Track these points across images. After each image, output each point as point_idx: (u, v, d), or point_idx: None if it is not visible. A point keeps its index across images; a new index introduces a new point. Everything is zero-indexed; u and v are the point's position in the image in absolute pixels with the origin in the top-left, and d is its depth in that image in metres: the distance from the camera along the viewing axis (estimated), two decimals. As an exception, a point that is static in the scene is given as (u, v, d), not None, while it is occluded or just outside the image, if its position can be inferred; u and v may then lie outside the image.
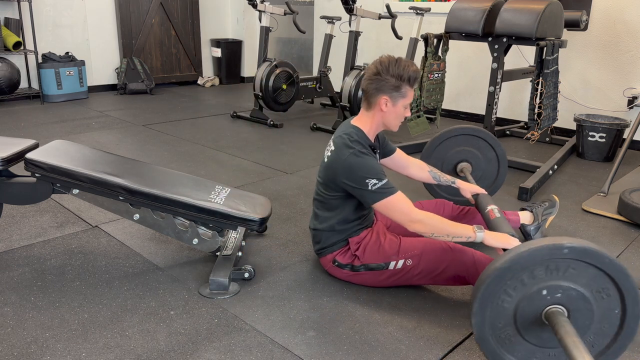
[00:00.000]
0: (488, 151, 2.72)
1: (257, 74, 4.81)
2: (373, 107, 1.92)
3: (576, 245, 1.40)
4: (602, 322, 1.49)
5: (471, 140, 2.72)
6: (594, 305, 1.46)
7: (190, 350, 1.68)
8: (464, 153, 2.73)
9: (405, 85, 1.86)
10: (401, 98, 1.88)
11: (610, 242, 2.56)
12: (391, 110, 1.90)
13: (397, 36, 4.98)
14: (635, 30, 4.15)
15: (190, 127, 4.69)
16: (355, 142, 1.90)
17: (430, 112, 4.96)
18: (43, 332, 1.76)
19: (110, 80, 6.34)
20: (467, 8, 3.60)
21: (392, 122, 1.95)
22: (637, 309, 1.45)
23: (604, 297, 1.46)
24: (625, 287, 1.43)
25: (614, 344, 1.50)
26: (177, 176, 2.38)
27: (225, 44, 7.02)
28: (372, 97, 1.89)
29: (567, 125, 4.57)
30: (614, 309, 1.47)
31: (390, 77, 1.84)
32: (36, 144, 2.30)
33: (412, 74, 1.85)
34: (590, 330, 1.49)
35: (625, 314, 1.46)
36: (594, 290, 1.45)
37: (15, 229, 2.53)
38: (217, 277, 2.02)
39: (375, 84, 1.86)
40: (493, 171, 2.78)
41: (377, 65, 1.87)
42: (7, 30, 5.27)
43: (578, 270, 1.44)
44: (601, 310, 1.47)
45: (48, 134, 4.29)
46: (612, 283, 1.44)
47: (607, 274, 1.43)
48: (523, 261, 1.43)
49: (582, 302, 1.46)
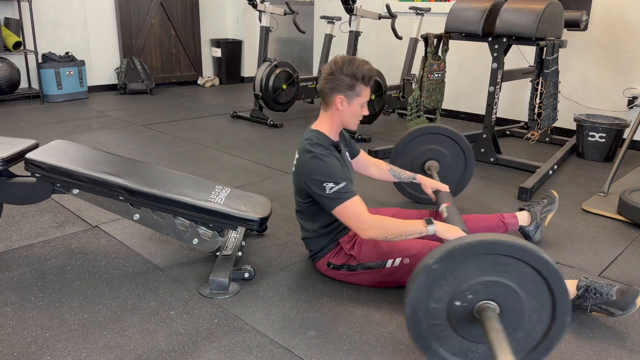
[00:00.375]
0: (454, 148, 2.79)
1: (257, 74, 4.81)
2: (330, 107, 1.94)
3: (510, 242, 1.42)
4: (533, 319, 1.50)
5: (437, 138, 2.79)
6: (525, 302, 1.47)
7: (190, 350, 1.68)
8: (432, 151, 2.80)
9: (359, 84, 1.88)
10: (356, 97, 1.90)
11: (610, 242, 2.56)
12: (347, 109, 1.92)
13: (397, 36, 4.99)
14: (635, 30, 4.15)
15: (190, 127, 4.69)
16: (316, 145, 1.91)
17: (430, 112, 4.95)
18: (43, 332, 1.76)
19: (110, 80, 6.34)
20: (467, 8, 3.60)
21: (350, 121, 1.96)
22: (566, 307, 1.46)
23: (535, 294, 1.47)
24: (555, 286, 1.44)
25: (544, 340, 1.52)
26: (177, 176, 2.38)
27: (225, 44, 7.02)
28: (328, 96, 1.91)
29: (567, 125, 4.57)
30: (545, 306, 1.48)
31: (344, 77, 1.85)
32: (36, 144, 2.30)
33: (366, 73, 1.87)
34: (522, 326, 1.51)
35: (554, 312, 1.48)
36: (525, 288, 1.47)
37: (15, 229, 2.53)
38: (217, 277, 2.02)
39: (330, 84, 1.88)
40: (460, 167, 2.86)
41: (331, 66, 1.88)
42: (7, 30, 5.27)
43: (511, 267, 1.45)
44: (532, 307, 1.48)
45: (48, 134, 4.29)
46: (544, 281, 1.45)
47: (539, 272, 1.44)
48: (457, 254, 1.44)
49: (513, 299, 1.47)
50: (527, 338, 1.52)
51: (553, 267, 1.43)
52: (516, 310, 1.48)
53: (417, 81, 3.76)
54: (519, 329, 1.51)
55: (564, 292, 1.45)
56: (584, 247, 2.50)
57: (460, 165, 2.85)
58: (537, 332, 1.52)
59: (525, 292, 1.47)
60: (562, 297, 1.46)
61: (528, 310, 1.49)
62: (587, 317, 1.92)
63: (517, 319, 1.50)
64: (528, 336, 1.52)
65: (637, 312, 1.96)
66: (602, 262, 2.36)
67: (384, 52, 5.83)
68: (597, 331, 1.85)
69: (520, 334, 1.52)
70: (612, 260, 2.38)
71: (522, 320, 1.50)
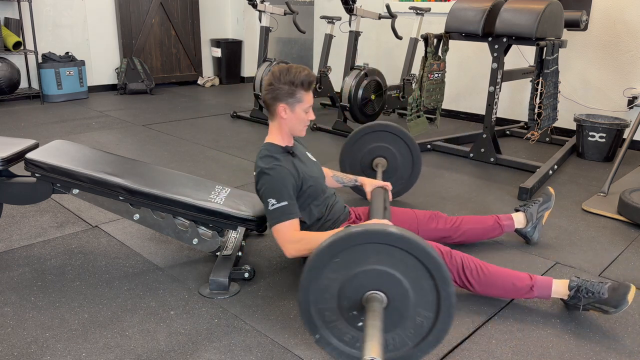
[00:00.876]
0: (401, 146, 2.82)
1: (257, 74, 4.81)
2: (275, 117, 1.95)
3: (396, 233, 1.44)
4: (420, 312, 1.52)
5: (383, 135, 2.82)
6: (411, 293, 1.49)
7: (190, 350, 1.68)
8: (380, 149, 2.84)
9: (299, 90, 1.88)
10: (297, 103, 1.90)
11: (610, 242, 2.56)
12: (291, 117, 1.92)
13: (397, 36, 4.99)
14: (635, 30, 4.15)
15: (190, 127, 4.69)
16: (264, 159, 1.91)
17: (430, 112, 4.95)
18: (43, 332, 1.76)
19: (110, 80, 6.34)
20: (467, 8, 3.60)
21: (296, 128, 1.96)
22: (450, 301, 1.48)
23: (421, 286, 1.49)
24: (439, 279, 1.46)
25: (431, 332, 1.54)
26: (177, 176, 2.38)
27: (225, 44, 7.02)
28: (271, 106, 1.93)
29: (567, 125, 4.57)
30: (431, 299, 1.50)
31: (283, 85, 1.87)
32: (36, 144, 2.30)
33: (304, 78, 1.88)
34: (409, 318, 1.52)
35: (439, 306, 1.49)
36: (411, 279, 1.49)
37: (15, 229, 2.53)
38: (217, 277, 2.02)
39: (271, 94, 1.90)
40: (408, 163, 2.89)
41: (270, 77, 1.90)
42: (7, 30, 5.27)
43: (398, 258, 1.47)
44: (419, 299, 1.50)
45: (48, 134, 4.29)
46: (428, 273, 1.47)
47: (424, 265, 1.46)
48: (343, 243, 1.47)
49: (400, 290, 1.49)
50: (414, 330, 1.55)
51: (436, 259, 1.45)
52: (403, 301, 1.51)
53: (417, 81, 3.76)
54: (406, 321, 1.53)
55: (447, 285, 1.47)
56: (584, 247, 2.50)
57: (408, 160, 2.88)
58: (424, 324, 1.54)
59: (412, 284, 1.49)
60: (446, 291, 1.47)
61: (414, 302, 1.51)
62: (586, 318, 1.92)
63: (403, 310, 1.52)
64: (416, 328, 1.55)
65: (637, 312, 1.96)
66: (602, 262, 2.36)
67: (384, 52, 5.82)
68: (597, 331, 1.85)
69: (407, 325, 1.54)
70: (612, 260, 2.38)
71: (408, 311, 1.52)
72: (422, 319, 1.52)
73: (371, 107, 4.56)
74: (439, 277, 1.46)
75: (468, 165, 3.77)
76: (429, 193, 3.16)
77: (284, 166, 1.87)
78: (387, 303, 1.50)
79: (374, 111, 4.61)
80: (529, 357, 1.70)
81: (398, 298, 1.50)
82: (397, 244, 1.45)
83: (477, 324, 1.87)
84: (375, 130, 2.82)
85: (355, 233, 1.46)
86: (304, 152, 2.10)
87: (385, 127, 2.80)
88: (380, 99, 4.62)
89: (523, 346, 1.75)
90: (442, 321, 1.51)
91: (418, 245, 1.45)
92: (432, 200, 3.04)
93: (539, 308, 1.98)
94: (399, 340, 1.55)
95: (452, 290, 1.47)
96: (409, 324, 1.53)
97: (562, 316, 1.93)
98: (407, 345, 1.55)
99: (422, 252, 1.45)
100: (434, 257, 1.45)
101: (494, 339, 1.79)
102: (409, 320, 1.52)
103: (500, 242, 2.52)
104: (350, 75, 4.52)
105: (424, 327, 1.53)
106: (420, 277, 1.48)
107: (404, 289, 1.49)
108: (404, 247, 1.45)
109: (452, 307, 1.48)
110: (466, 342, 1.77)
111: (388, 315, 1.51)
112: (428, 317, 1.51)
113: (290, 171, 1.88)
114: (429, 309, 1.51)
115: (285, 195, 1.83)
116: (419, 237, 1.46)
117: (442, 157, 3.96)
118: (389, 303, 1.50)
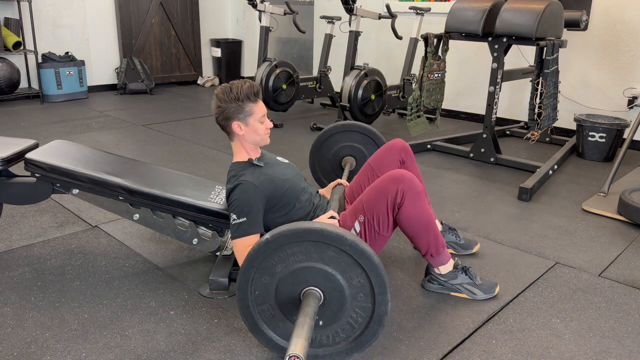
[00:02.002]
0: (370, 145, 2.82)
1: (257, 74, 4.81)
2: (233, 136, 1.96)
3: (332, 232, 1.48)
4: (355, 308, 1.57)
5: (352, 135, 2.83)
6: (346, 291, 1.54)
7: (190, 350, 1.68)
8: (349, 148, 2.84)
9: (246, 104, 1.89)
10: (249, 116, 1.91)
11: (610, 242, 2.56)
12: (247, 130, 1.92)
13: (397, 36, 4.99)
14: (635, 30, 4.15)
15: (190, 127, 4.69)
16: (230, 181, 1.92)
17: (430, 112, 4.95)
18: (43, 332, 1.76)
19: (110, 80, 6.34)
20: (467, 8, 3.60)
21: (257, 139, 1.96)
22: (384, 298, 1.52)
23: (356, 283, 1.53)
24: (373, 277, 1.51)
25: (366, 330, 1.58)
26: (177, 176, 2.38)
27: (225, 44, 7.02)
28: (227, 127, 1.93)
29: (567, 125, 4.57)
30: (366, 296, 1.54)
31: (230, 104, 1.88)
32: (36, 144, 2.30)
33: (248, 91, 1.89)
34: (345, 314, 1.57)
35: (374, 304, 1.54)
36: (347, 276, 1.53)
37: (15, 229, 2.53)
38: (217, 277, 2.02)
39: (222, 116, 1.91)
40: None
41: (215, 100, 1.91)
42: (7, 30, 5.27)
43: (336, 256, 1.51)
44: (354, 296, 1.55)
45: (48, 134, 4.29)
46: (364, 273, 1.52)
47: (360, 265, 1.51)
48: (283, 239, 1.50)
49: (336, 287, 1.54)
50: (350, 326, 1.59)
51: (371, 258, 1.49)
52: (338, 298, 1.55)
53: (417, 81, 3.76)
54: (341, 317, 1.57)
55: (382, 285, 1.51)
56: (584, 247, 2.50)
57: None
58: (359, 320, 1.58)
59: (347, 281, 1.54)
60: (381, 289, 1.51)
61: (350, 299, 1.55)
62: (586, 317, 1.92)
63: (339, 307, 1.56)
64: (351, 324, 1.58)
65: (637, 312, 1.96)
66: (602, 262, 2.36)
67: (384, 52, 5.82)
68: (597, 331, 1.85)
69: (343, 321, 1.58)
70: (612, 260, 2.38)
71: (343, 308, 1.56)
72: (357, 316, 1.57)
73: (371, 107, 4.56)
74: (375, 278, 1.51)
75: (468, 165, 3.77)
76: (429, 193, 3.16)
77: (247, 181, 1.86)
78: (322, 300, 1.55)
79: (374, 111, 4.61)
80: (529, 357, 1.70)
81: (334, 296, 1.55)
82: (333, 243, 1.49)
83: (477, 324, 1.87)
84: (344, 130, 2.82)
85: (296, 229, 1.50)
86: (274, 157, 2.09)
87: (353, 126, 2.80)
88: (380, 99, 4.62)
89: (523, 346, 1.75)
90: (376, 319, 1.55)
91: (355, 246, 1.48)
92: (432, 200, 3.04)
93: (539, 308, 1.98)
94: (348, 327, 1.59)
95: (386, 290, 1.52)
96: (343, 321, 1.58)
97: (562, 316, 1.93)
98: (344, 342, 1.60)
99: (357, 252, 1.49)
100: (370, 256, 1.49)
101: (494, 339, 1.79)
102: (343, 317, 1.57)
103: (500, 242, 2.53)
104: (350, 75, 4.52)
105: (359, 324, 1.58)
106: (357, 276, 1.53)
107: (340, 287, 1.54)
108: (342, 247, 1.49)
109: (386, 305, 1.53)
110: (466, 342, 1.77)
111: (329, 306, 1.57)
112: (364, 314, 1.56)
113: (256, 185, 1.86)
114: (365, 307, 1.55)
115: (246, 211, 1.82)
116: (356, 237, 1.50)
117: (442, 157, 3.96)
118: (325, 301, 1.55)
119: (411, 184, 1.86)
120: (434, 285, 2.07)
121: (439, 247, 1.97)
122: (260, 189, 1.85)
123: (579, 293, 2.09)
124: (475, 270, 2.24)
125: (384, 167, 2.24)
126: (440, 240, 1.97)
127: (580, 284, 2.16)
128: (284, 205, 1.94)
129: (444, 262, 2.01)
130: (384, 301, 1.53)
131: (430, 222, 1.91)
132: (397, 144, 2.30)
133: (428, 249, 1.96)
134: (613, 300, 2.05)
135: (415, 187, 1.86)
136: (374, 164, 2.27)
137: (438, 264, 2.02)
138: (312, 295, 1.52)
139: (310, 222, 1.53)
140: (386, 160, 2.27)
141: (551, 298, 2.05)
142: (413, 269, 2.26)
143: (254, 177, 1.88)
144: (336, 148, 2.85)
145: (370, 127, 2.81)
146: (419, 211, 1.87)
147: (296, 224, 1.52)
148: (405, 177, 1.87)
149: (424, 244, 1.95)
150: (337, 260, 1.52)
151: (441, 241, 1.98)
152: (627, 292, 2.11)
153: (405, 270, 2.24)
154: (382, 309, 1.54)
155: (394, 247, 2.44)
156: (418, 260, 2.33)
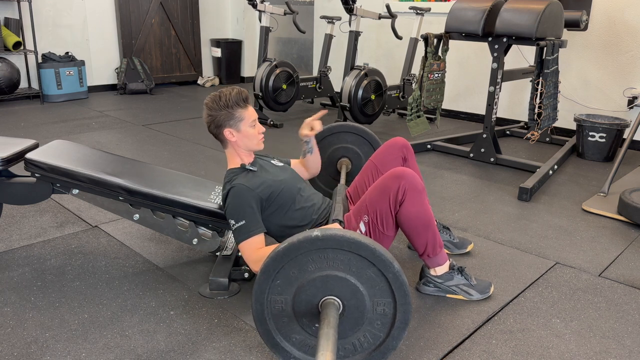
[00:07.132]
0: (365, 146, 2.80)
1: (257, 74, 4.81)
2: (226, 143, 1.97)
3: (383, 254, 1.43)
4: (366, 332, 1.52)
5: (347, 136, 2.80)
6: (367, 300, 1.49)
7: (190, 350, 1.68)
8: (343, 150, 2.81)
9: (236, 110, 1.91)
10: (240, 122, 1.92)
11: (610, 242, 2.56)
12: (239, 136, 1.94)
13: (397, 36, 4.99)
14: (635, 30, 4.15)
15: (190, 127, 4.69)
16: (224, 187, 1.93)
17: (430, 112, 4.96)
18: (43, 332, 1.76)
19: (110, 80, 6.34)
20: (467, 8, 3.60)
21: (250, 144, 1.97)
22: (407, 307, 1.48)
23: (377, 292, 1.48)
24: (396, 287, 1.46)
25: (386, 339, 1.53)
26: (177, 176, 2.38)
27: (225, 44, 7.02)
28: (219, 135, 1.95)
29: (567, 125, 4.57)
30: (387, 306, 1.50)
31: (220, 111, 1.90)
32: (36, 144, 2.30)
33: (236, 97, 1.90)
34: (365, 324, 1.52)
35: (395, 314, 1.49)
36: (368, 286, 1.48)
37: (15, 229, 2.53)
38: (217, 277, 2.02)
39: (214, 124, 1.93)
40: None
41: (206, 110, 1.93)
42: (7, 30, 5.27)
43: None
44: (375, 306, 1.50)
45: (48, 134, 4.29)
46: (393, 304, 1.48)
47: (393, 295, 1.47)
48: (333, 242, 1.44)
49: (357, 297, 1.49)
50: (353, 347, 1.55)
51: (406, 294, 1.45)
52: (359, 308, 1.50)
53: (417, 81, 3.76)
54: (361, 327, 1.52)
55: (405, 295, 1.46)
56: (584, 247, 2.50)
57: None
58: (365, 345, 1.54)
59: (372, 305, 1.49)
60: (403, 299, 1.47)
61: (370, 308, 1.50)
62: (586, 317, 1.92)
63: (359, 317, 1.51)
64: (355, 346, 1.55)
65: (637, 312, 1.96)
66: (602, 262, 2.36)
67: (384, 52, 5.82)
68: (597, 331, 1.85)
69: (363, 331, 1.53)
70: (612, 260, 2.38)
71: (364, 318, 1.51)
72: (378, 327, 1.52)
73: (371, 107, 4.56)
74: (397, 287, 1.46)
75: (468, 165, 3.77)
76: (429, 193, 3.16)
77: (239, 184, 1.87)
78: (342, 309, 1.50)
79: (374, 111, 4.61)
80: (529, 357, 1.70)
81: (354, 305, 1.50)
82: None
83: (477, 324, 1.87)
84: (339, 132, 2.78)
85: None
86: (268, 162, 2.09)
87: (348, 128, 2.77)
88: (380, 99, 4.62)
89: (523, 346, 1.75)
90: (397, 328, 1.50)
91: (378, 254, 1.43)
92: (431, 200, 3.04)
93: (539, 308, 1.98)
94: (370, 335, 1.54)
95: (408, 299, 1.47)
96: (363, 331, 1.53)
97: (562, 316, 1.93)
98: (380, 338, 1.55)
99: (381, 261, 1.44)
100: (365, 244, 1.43)
101: (494, 339, 1.79)
102: (363, 327, 1.52)
103: (500, 242, 2.53)
104: (350, 75, 4.52)
105: (388, 314, 1.52)
106: (379, 285, 1.47)
107: (361, 296, 1.48)
108: (364, 255, 1.44)
109: (408, 314, 1.48)
110: (466, 342, 1.77)
111: (349, 314, 1.51)
112: (385, 324, 1.51)
113: (249, 186, 1.87)
114: (386, 317, 1.51)
115: (242, 213, 1.83)
116: (379, 245, 1.46)
117: (442, 157, 3.96)
118: (344, 310, 1.50)
119: (413, 181, 1.86)
120: (430, 287, 2.06)
121: (436, 247, 1.96)
122: (253, 190, 1.86)
123: (579, 293, 2.09)
124: (475, 270, 2.24)
125: (386, 164, 2.24)
126: (439, 240, 1.97)
127: (580, 284, 2.16)
128: (281, 206, 1.94)
129: (440, 263, 2.01)
130: (398, 337, 1.49)
131: (430, 220, 1.91)
132: (399, 142, 2.30)
133: (426, 249, 1.95)
134: (613, 300, 2.05)
135: (416, 185, 1.86)
136: (377, 162, 2.27)
137: (434, 264, 2.01)
138: (333, 306, 1.47)
139: (364, 236, 1.47)
140: (389, 157, 2.27)
141: (551, 298, 2.05)
142: (413, 269, 2.26)
143: (247, 179, 1.89)
144: (330, 150, 2.79)
145: (362, 126, 2.77)
146: (419, 209, 1.87)
147: (351, 234, 1.44)
148: (406, 174, 1.87)
149: (422, 242, 1.94)
150: (373, 281, 1.47)
151: (439, 241, 1.97)
152: (627, 292, 2.11)
153: (404, 271, 2.24)
154: (392, 343, 1.50)
155: (393, 247, 2.45)
156: (417, 261, 2.33)
